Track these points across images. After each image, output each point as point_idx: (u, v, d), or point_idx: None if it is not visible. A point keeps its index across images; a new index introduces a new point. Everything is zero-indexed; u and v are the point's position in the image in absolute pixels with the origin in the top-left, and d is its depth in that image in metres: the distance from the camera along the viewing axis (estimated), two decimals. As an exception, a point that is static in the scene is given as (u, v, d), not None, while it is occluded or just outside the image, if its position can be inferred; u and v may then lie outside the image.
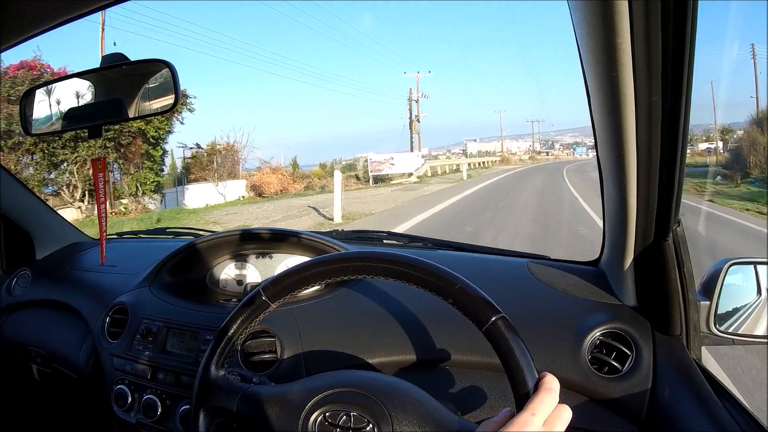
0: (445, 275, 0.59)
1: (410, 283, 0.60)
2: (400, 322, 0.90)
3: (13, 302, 1.39)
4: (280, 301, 0.66)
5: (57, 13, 0.63)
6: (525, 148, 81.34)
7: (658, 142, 0.59)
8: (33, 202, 1.43)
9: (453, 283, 0.58)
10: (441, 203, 11.25)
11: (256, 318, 0.66)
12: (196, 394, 0.66)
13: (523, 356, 0.53)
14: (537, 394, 0.51)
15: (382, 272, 0.62)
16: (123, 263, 1.30)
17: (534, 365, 0.53)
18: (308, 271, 0.65)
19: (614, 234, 0.79)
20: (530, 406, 0.50)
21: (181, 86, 0.89)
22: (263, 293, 0.65)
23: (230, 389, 0.65)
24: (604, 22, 0.50)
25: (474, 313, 0.56)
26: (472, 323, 0.56)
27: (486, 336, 0.55)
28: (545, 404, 0.50)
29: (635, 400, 0.76)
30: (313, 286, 0.65)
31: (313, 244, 1.09)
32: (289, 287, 0.65)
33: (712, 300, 0.82)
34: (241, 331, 0.66)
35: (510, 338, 0.54)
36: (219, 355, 0.66)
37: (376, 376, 0.68)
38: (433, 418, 0.60)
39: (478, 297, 0.57)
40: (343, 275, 0.64)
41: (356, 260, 0.63)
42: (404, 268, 0.61)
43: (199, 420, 0.66)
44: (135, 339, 1.04)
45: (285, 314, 0.94)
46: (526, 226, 7.50)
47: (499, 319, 0.55)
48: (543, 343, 0.81)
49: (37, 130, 1.00)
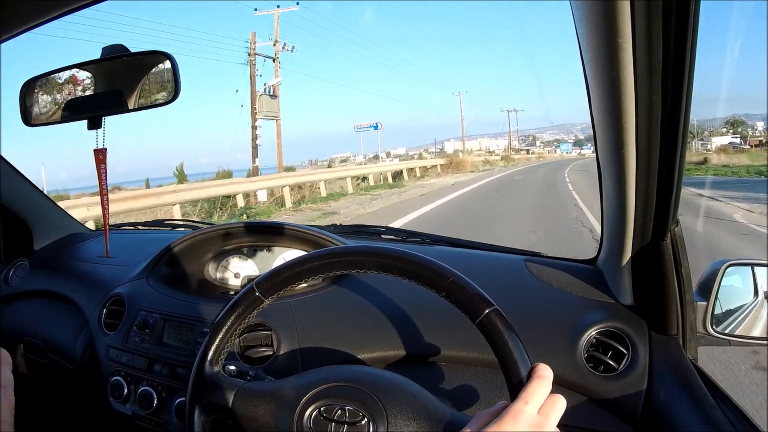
0: (437, 268, 0.59)
1: (403, 277, 0.61)
2: (397, 317, 0.90)
3: (11, 292, 1.39)
4: (273, 297, 0.66)
5: (55, 5, 0.63)
6: (505, 146, 72.95)
7: (658, 142, 0.60)
8: (32, 192, 1.42)
9: (446, 276, 0.58)
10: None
11: (250, 314, 0.67)
12: (190, 391, 0.66)
13: (516, 346, 0.54)
14: (530, 382, 0.51)
15: (375, 266, 0.62)
16: (121, 255, 1.30)
17: (527, 355, 0.54)
18: (301, 267, 0.65)
19: (612, 233, 0.79)
20: (523, 394, 0.50)
21: (181, 78, 0.89)
22: (257, 289, 0.66)
23: (225, 386, 0.66)
24: (606, 22, 0.50)
25: (467, 306, 0.57)
26: (466, 318, 0.57)
27: (479, 328, 0.56)
28: (538, 393, 0.50)
29: (630, 399, 0.76)
30: (307, 281, 0.66)
31: (311, 237, 1.09)
32: (282, 282, 0.65)
33: (709, 301, 0.82)
34: (235, 327, 0.67)
35: (503, 329, 0.54)
36: (214, 351, 0.67)
37: (370, 371, 0.68)
38: (428, 411, 0.60)
39: (471, 290, 0.57)
40: (336, 270, 0.64)
41: (348, 255, 0.64)
42: (396, 262, 0.61)
43: (194, 416, 0.66)
44: (132, 331, 1.04)
45: (282, 308, 0.94)
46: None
47: (492, 312, 0.55)
48: (539, 341, 0.81)
49: (36, 121, 0.99)
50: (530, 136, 55.77)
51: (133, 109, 0.93)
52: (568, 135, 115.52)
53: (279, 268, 0.66)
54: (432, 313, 0.87)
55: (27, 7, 0.63)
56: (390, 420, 0.59)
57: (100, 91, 0.95)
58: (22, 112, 0.98)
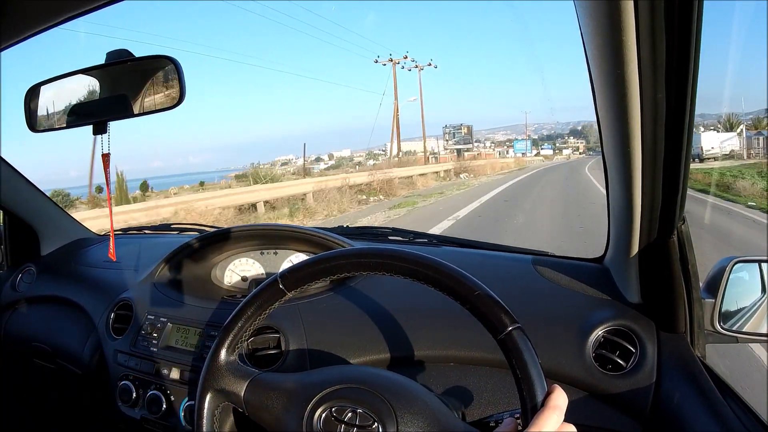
0: (465, 280, 0.59)
1: (428, 285, 0.60)
2: (404, 318, 0.90)
3: (18, 298, 1.40)
4: (296, 291, 0.66)
5: (58, 10, 0.63)
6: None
7: (663, 139, 0.59)
8: (38, 198, 1.43)
9: (472, 288, 0.58)
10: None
11: (271, 305, 0.67)
12: (204, 376, 0.67)
13: (535, 369, 0.54)
14: (544, 410, 0.52)
15: (402, 271, 0.62)
16: (127, 259, 1.30)
17: (544, 377, 0.54)
18: (328, 263, 0.65)
19: (619, 231, 0.79)
20: (537, 423, 0.51)
21: (186, 83, 0.89)
22: (280, 281, 0.66)
23: (240, 373, 0.66)
24: (610, 21, 0.50)
25: (490, 320, 0.57)
26: (473, 318, 0.57)
27: (500, 344, 0.56)
28: (551, 422, 0.51)
29: (639, 397, 0.76)
30: (330, 278, 0.66)
31: (318, 240, 1.10)
32: (307, 277, 0.66)
33: (717, 298, 0.82)
34: (255, 317, 0.67)
35: (524, 350, 0.54)
36: (231, 338, 0.67)
37: (384, 374, 0.68)
38: (438, 422, 0.60)
39: (497, 305, 0.57)
40: (362, 270, 0.64)
41: (377, 257, 0.64)
42: (424, 269, 0.61)
43: (205, 401, 0.66)
44: (139, 335, 1.04)
45: (290, 310, 0.94)
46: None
47: (515, 330, 0.55)
48: (547, 340, 0.81)
49: (41, 126, 1.00)
50: (463, 126, 45.34)
51: (138, 114, 0.94)
52: (521, 135, 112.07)
53: (306, 262, 0.66)
54: (439, 314, 0.88)
55: (32, 12, 0.63)
56: (400, 426, 0.59)
57: (105, 96, 0.96)
58: (27, 117, 0.99)
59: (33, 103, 1.00)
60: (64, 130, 0.99)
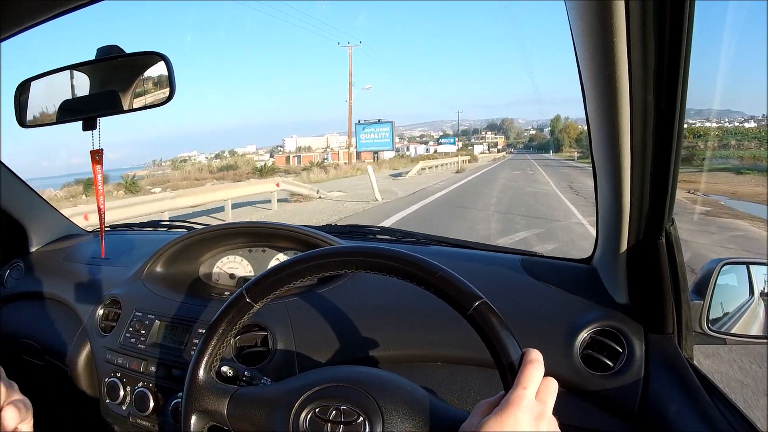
0: (424, 264, 0.59)
1: (391, 275, 0.61)
2: (392, 316, 0.90)
3: (6, 294, 1.39)
4: (263, 301, 0.66)
5: (54, 4, 0.63)
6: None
7: (652, 141, 0.60)
8: (27, 193, 1.42)
9: (433, 271, 0.58)
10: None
11: (241, 319, 0.67)
12: (185, 399, 0.67)
13: (506, 334, 0.54)
14: (524, 367, 0.51)
15: (362, 266, 0.62)
16: (116, 256, 1.30)
17: (517, 342, 0.54)
18: (287, 270, 0.65)
19: (607, 232, 0.79)
20: (520, 380, 0.50)
21: (176, 80, 0.89)
22: (246, 294, 0.66)
23: (219, 392, 0.66)
24: (601, 21, 0.51)
25: (456, 300, 0.57)
26: (461, 317, 0.57)
27: (469, 321, 0.56)
28: (534, 377, 0.51)
29: (627, 397, 0.76)
30: (294, 283, 0.66)
31: (305, 238, 1.09)
32: (270, 287, 0.66)
33: (705, 299, 0.82)
34: (227, 333, 0.67)
35: (493, 319, 0.55)
36: (207, 357, 0.67)
37: (364, 370, 0.68)
38: (424, 408, 0.60)
39: (459, 284, 0.57)
40: (323, 271, 0.64)
41: (335, 256, 0.64)
42: (383, 260, 0.61)
43: (190, 424, 0.66)
44: (127, 332, 1.04)
45: (277, 308, 0.94)
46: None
47: (481, 304, 0.56)
48: (535, 340, 0.81)
49: (31, 122, 0.99)
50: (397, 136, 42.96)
51: (128, 110, 0.93)
52: (437, 132, 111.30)
53: (266, 272, 0.66)
54: (428, 313, 0.87)
55: (25, 6, 0.62)
56: (386, 418, 0.59)
57: (95, 92, 0.95)
58: (17, 112, 0.98)
59: (23, 98, 0.99)
60: (53, 125, 0.98)
